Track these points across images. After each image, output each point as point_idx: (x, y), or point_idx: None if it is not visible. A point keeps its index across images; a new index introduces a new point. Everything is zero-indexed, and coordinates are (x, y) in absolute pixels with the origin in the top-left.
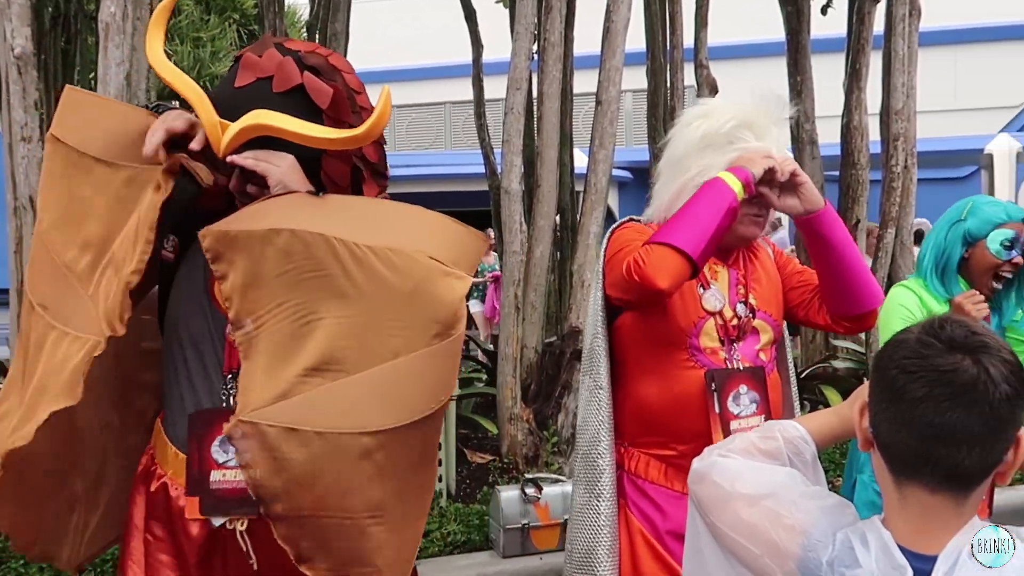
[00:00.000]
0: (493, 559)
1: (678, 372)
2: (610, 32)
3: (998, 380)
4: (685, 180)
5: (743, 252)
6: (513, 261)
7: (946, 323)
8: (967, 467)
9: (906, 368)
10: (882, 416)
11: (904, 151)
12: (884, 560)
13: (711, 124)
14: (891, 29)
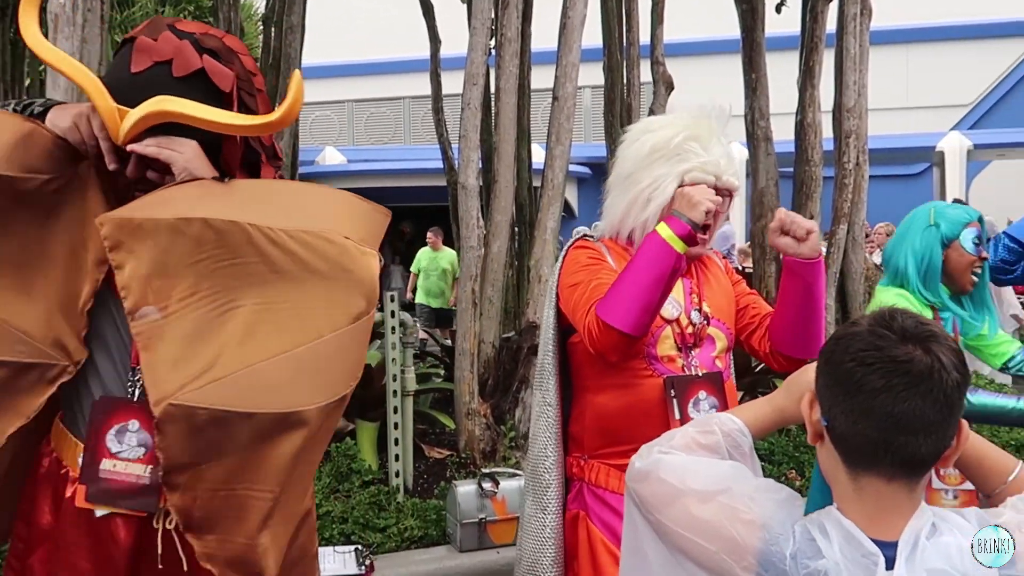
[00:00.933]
0: (450, 554)
1: (637, 381)
2: (566, 28)
3: (949, 368)
4: (636, 193)
5: (696, 265)
6: (470, 257)
7: (896, 315)
8: (923, 454)
9: (863, 360)
10: (838, 408)
11: (856, 148)
12: (850, 548)
13: (659, 137)
14: (843, 28)
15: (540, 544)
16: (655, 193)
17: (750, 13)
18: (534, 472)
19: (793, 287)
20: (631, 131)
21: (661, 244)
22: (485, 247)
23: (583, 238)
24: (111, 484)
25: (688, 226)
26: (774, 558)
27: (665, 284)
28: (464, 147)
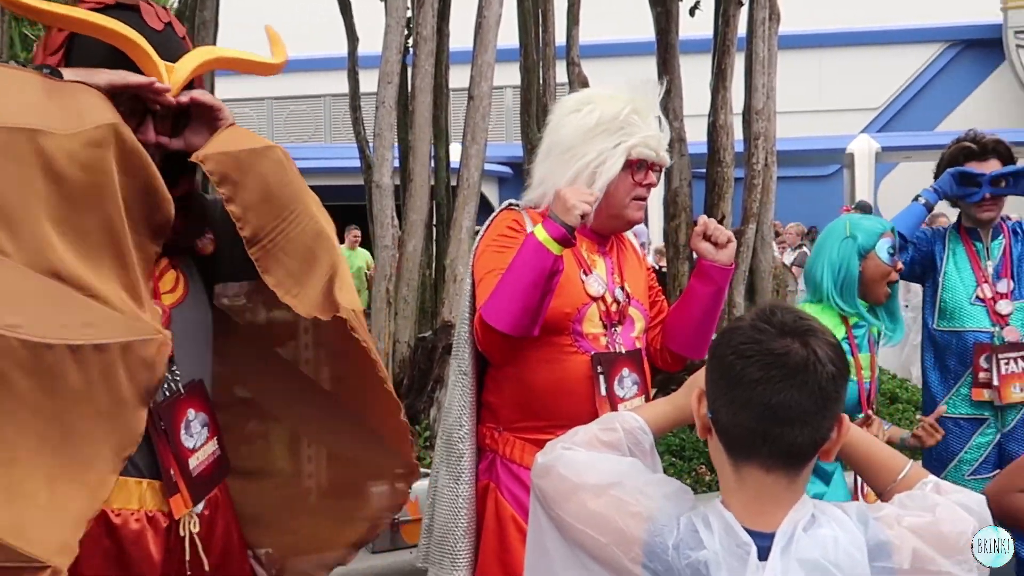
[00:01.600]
0: (362, 555)
1: (563, 357)
2: (482, 28)
3: (825, 361)
4: (580, 167)
5: (615, 242)
6: (385, 256)
7: (776, 309)
8: (799, 444)
9: (743, 353)
10: (721, 401)
11: (764, 149)
12: (727, 539)
13: (605, 110)
14: (752, 32)
15: (453, 514)
16: (601, 169)
17: (664, 16)
18: (448, 441)
19: (703, 290)
20: (570, 100)
21: (537, 247)
22: (400, 246)
23: (508, 207)
24: (201, 476)
25: (563, 229)
26: (658, 549)
27: (544, 286)
28: (379, 146)
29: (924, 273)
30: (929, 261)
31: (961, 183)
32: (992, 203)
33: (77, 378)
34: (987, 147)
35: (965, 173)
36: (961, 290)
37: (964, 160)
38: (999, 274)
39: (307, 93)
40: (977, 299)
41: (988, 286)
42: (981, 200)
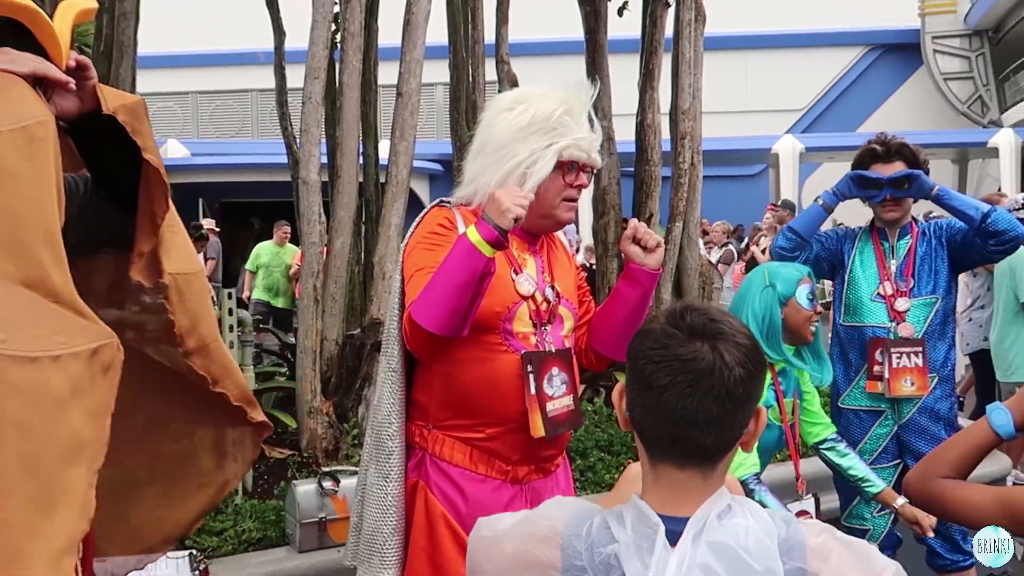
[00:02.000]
0: (290, 554)
1: (492, 356)
2: (410, 24)
3: (732, 365)
4: (512, 167)
5: (546, 241)
6: (312, 253)
7: (688, 311)
8: (709, 446)
9: (652, 358)
10: (636, 402)
11: (691, 149)
12: (639, 525)
13: (538, 110)
14: (679, 33)
15: (382, 512)
16: (532, 169)
17: (593, 16)
18: (377, 439)
19: (630, 293)
20: (504, 99)
21: (470, 248)
22: (328, 243)
23: (439, 204)
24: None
25: (496, 232)
26: (572, 557)
27: (475, 288)
28: (306, 142)
29: (832, 270)
30: (836, 259)
31: (860, 186)
32: (894, 204)
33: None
34: (892, 150)
35: (863, 176)
36: (864, 287)
37: (870, 162)
38: (902, 272)
39: (233, 88)
40: (878, 296)
41: (889, 283)
42: (883, 201)
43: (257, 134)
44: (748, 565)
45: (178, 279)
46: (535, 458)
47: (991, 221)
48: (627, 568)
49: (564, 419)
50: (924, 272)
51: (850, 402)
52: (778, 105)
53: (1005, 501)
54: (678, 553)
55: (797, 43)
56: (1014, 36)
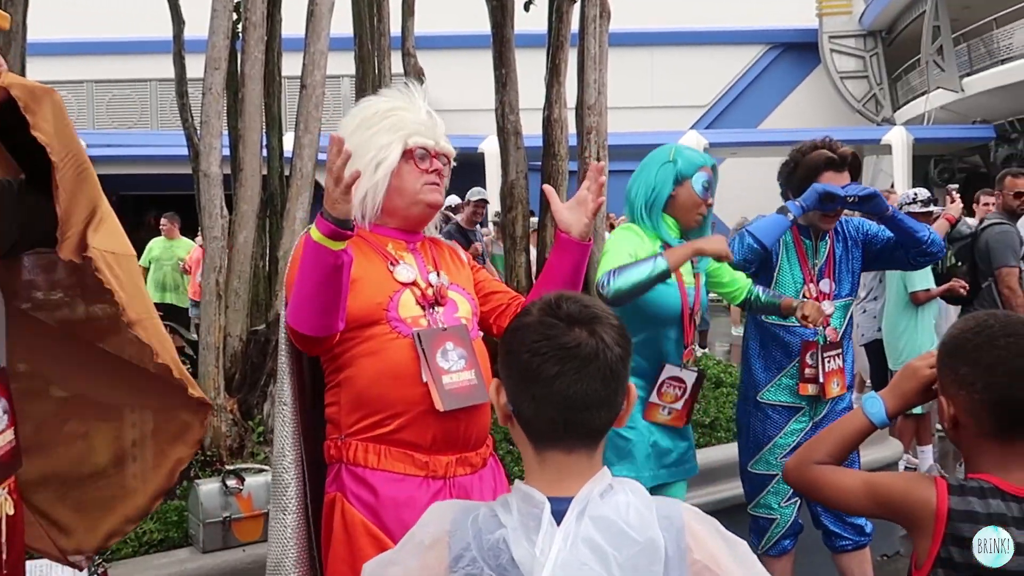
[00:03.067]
0: (193, 555)
1: (384, 346)
2: (314, 15)
3: (611, 344)
4: (363, 165)
5: (429, 243)
6: (214, 247)
7: (562, 301)
8: (598, 425)
9: (537, 351)
10: (522, 396)
11: (597, 144)
12: (524, 507)
13: (366, 112)
14: (584, 29)
15: (282, 546)
16: (379, 157)
17: (500, 10)
18: (274, 472)
19: (562, 263)
20: (346, 117)
21: (315, 246)
22: (231, 237)
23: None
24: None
25: (332, 224)
26: (461, 551)
27: (332, 283)
28: (206, 134)
29: (760, 268)
30: (766, 257)
31: (828, 202)
32: (837, 216)
33: None
34: (845, 159)
35: (831, 193)
36: (791, 287)
37: (825, 168)
38: (823, 274)
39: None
40: (804, 297)
41: (814, 286)
42: (832, 213)
43: (157, 125)
44: (630, 537)
45: (106, 255)
46: (451, 443)
47: (930, 242)
48: (514, 550)
49: (464, 392)
50: (843, 273)
51: (769, 397)
52: (682, 101)
53: (871, 485)
54: (563, 530)
55: (700, 40)
56: (906, 37)
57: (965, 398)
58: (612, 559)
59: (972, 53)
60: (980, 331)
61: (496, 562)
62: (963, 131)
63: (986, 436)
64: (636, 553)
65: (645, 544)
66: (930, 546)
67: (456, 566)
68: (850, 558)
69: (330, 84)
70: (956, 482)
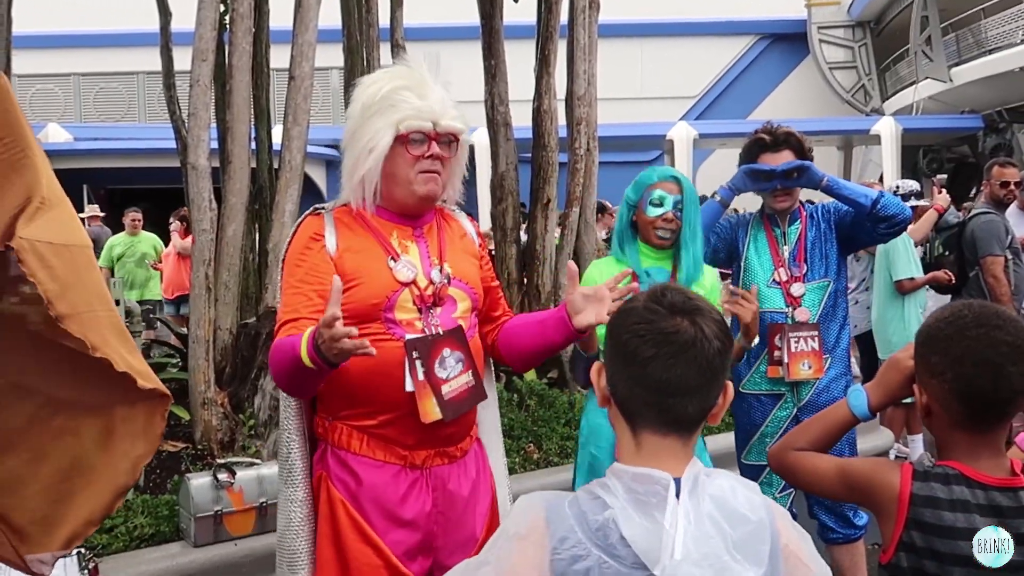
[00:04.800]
0: (184, 549)
1: (377, 344)
2: (302, 6)
3: (711, 337)
4: (358, 151)
5: (437, 224)
6: (203, 240)
7: (667, 291)
8: (690, 413)
9: (637, 332)
10: (619, 376)
11: (586, 135)
12: (636, 485)
13: (368, 93)
14: (573, 20)
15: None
16: (372, 142)
17: (488, 1)
18: (282, 462)
19: (552, 339)
20: (352, 94)
21: (297, 359)
22: (220, 230)
23: (313, 211)
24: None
25: (325, 364)
26: (565, 534)
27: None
28: (194, 126)
29: (729, 258)
30: (732, 247)
31: (754, 179)
32: (785, 194)
33: None
34: (779, 139)
35: (757, 170)
36: (760, 274)
37: (759, 151)
38: (795, 258)
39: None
40: (774, 282)
41: (784, 270)
42: (775, 191)
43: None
44: (744, 516)
45: (39, 245)
46: (433, 440)
47: (881, 207)
48: (625, 529)
49: (464, 397)
50: (816, 256)
51: (751, 387)
52: (672, 92)
53: (841, 469)
54: (682, 506)
55: (690, 31)
56: (894, 27)
57: (936, 387)
58: (728, 536)
59: (960, 43)
60: (953, 321)
61: (605, 542)
62: (951, 121)
63: (956, 425)
64: (749, 532)
65: (757, 524)
66: (893, 529)
67: (560, 548)
68: (842, 550)
69: (318, 76)
70: (921, 468)
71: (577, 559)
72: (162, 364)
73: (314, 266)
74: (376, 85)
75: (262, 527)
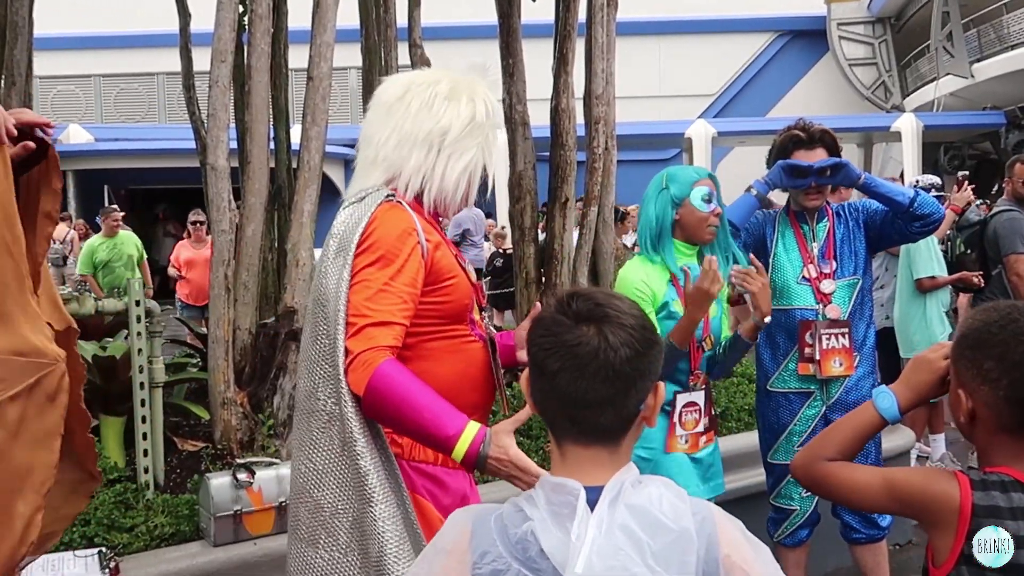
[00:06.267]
0: (204, 549)
1: (465, 347)
2: (320, 7)
3: (617, 346)
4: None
5: None
6: (222, 240)
7: (575, 297)
8: (605, 424)
9: (543, 346)
10: (536, 387)
11: (604, 133)
12: (554, 496)
13: (485, 106)
14: (591, 18)
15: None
16: (472, 164)
17: (506, 0)
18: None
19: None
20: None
21: (443, 444)
22: (239, 230)
23: (390, 200)
24: None
25: (474, 463)
26: (486, 548)
27: None
28: (213, 127)
29: (756, 255)
30: (760, 244)
31: (791, 175)
32: (817, 192)
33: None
34: (814, 136)
35: (794, 166)
36: (789, 270)
37: (793, 148)
38: (824, 255)
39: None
40: (803, 279)
41: (813, 267)
42: (807, 189)
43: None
44: (665, 525)
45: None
46: None
47: (918, 205)
48: (544, 541)
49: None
50: (845, 253)
51: (779, 385)
52: (690, 90)
53: (889, 481)
54: (597, 516)
55: (708, 29)
56: (915, 23)
57: (988, 393)
58: (646, 547)
59: (982, 39)
60: (1006, 325)
61: (524, 555)
62: (973, 118)
63: (1005, 430)
64: (670, 542)
65: (680, 533)
66: (952, 543)
67: (481, 563)
68: (865, 550)
69: (337, 76)
70: (978, 477)
71: (497, 573)
72: (182, 364)
73: (408, 265)
74: (486, 97)
75: (281, 526)
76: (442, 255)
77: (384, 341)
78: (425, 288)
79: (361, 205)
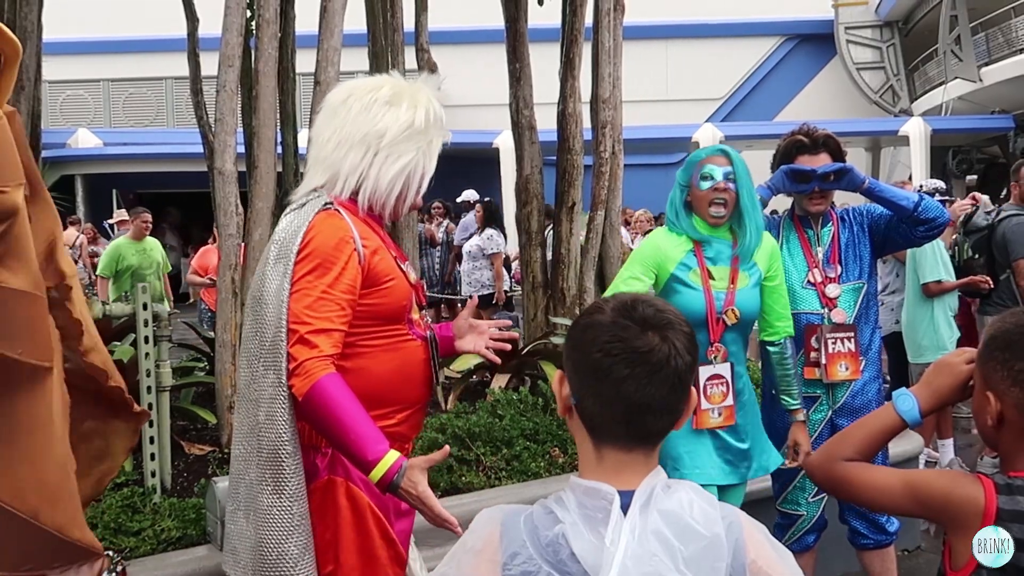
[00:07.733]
0: (211, 553)
1: (402, 345)
2: (327, 12)
3: (682, 352)
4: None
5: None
6: (229, 245)
7: (637, 304)
8: (659, 429)
9: (609, 351)
10: (587, 392)
11: (611, 138)
12: (586, 500)
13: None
14: (598, 22)
15: (282, 533)
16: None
17: (513, 4)
18: (272, 460)
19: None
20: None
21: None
22: (246, 235)
23: (324, 208)
24: None
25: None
26: (516, 550)
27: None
28: (220, 131)
29: None
30: None
31: (794, 180)
32: (821, 196)
33: None
34: (818, 141)
35: (797, 171)
36: (794, 275)
37: (797, 153)
38: (828, 259)
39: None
40: (808, 283)
41: (818, 271)
42: (811, 193)
43: (173, 123)
44: (696, 532)
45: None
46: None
47: (922, 209)
48: (575, 544)
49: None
50: (850, 258)
51: None
52: (698, 94)
53: (910, 484)
54: (629, 522)
55: (715, 33)
56: (923, 27)
57: (1019, 395)
58: (679, 553)
59: (990, 43)
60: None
61: (555, 558)
62: (981, 121)
63: None
64: (702, 548)
65: (711, 540)
66: None
67: (511, 564)
68: (873, 555)
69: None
70: (1003, 481)
71: (527, 575)
72: (189, 367)
73: (346, 272)
74: (431, 103)
75: None
76: (380, 259)
77: (325, 349)
78: (363, 291)
79: (301, 212)
